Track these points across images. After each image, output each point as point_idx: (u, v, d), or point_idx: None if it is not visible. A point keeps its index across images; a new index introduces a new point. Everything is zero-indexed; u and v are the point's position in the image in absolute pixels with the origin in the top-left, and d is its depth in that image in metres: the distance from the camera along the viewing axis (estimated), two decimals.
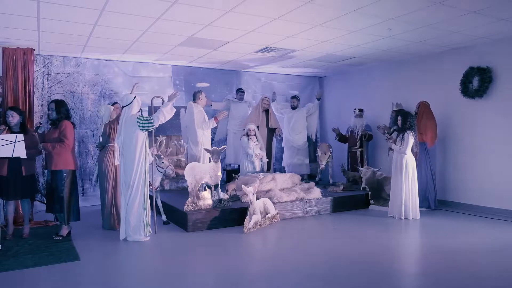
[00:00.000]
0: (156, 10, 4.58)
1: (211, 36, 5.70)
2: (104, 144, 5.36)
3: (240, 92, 8.10)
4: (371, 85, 8.29)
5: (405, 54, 7.02)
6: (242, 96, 8.09)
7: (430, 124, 6.43)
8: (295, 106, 8.23)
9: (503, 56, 6.00)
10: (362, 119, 7.71)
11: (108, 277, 3.65)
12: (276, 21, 5.04)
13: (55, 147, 4.67)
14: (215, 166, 5.55)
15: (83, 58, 7.03)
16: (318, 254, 4.26)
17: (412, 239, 5.10)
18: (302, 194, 6.27)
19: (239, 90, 8.13)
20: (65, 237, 4.84)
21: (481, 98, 6.26)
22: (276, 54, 6.97)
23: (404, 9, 4.65)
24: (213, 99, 8.08)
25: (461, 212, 6.27)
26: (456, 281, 3.45)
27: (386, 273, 3.64)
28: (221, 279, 3.59)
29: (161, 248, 4.54)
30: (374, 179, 6.62)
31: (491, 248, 4.39)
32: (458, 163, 6.62)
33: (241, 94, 8.09)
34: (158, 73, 7.77)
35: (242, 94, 8.10)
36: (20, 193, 4.83)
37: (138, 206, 4.71)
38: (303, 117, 8.24)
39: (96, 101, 7.16)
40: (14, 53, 5.94)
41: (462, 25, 5.27)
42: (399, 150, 5.86)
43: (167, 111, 4.75)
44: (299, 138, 8.12)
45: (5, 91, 5.88)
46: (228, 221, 5.44)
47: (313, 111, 8.38)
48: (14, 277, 3.58)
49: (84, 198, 6.99)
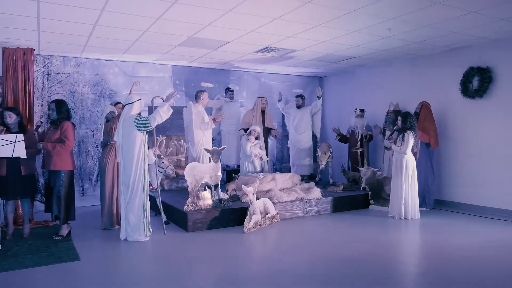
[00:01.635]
0: (156, 10, 4.58)
1: (211, 36, 5.70)
2: (107, 142, 5.37)
3: (229, 92, 8.07)
4: (371, 85, 8.29)
5: (405, 54, 7.02)
6: (232, 95, 8.07)
7: (432, 126, 6.45)
8: (300, 105, 8.15)
9: (503, 56, 6.00)
10: (363, 119, 7.70)
11: (108, 277, 3.65)
12: (276, 21, 5.04)
13: (56, 147, 4.68)
14: (215, 166, 5.55)
15: (83, 58, 7.03)
16: (318, 254, 4.26)
17: (412, 239, 5.10)
18: (302, 194, 6.27)
19: (228, 90, 8.11)
20: (65, 237, 4.85)
21: (481, 98, 6.26)
22: (276, 54, 6.97)
23: (404, 9, 4.65)
24: (212, 98, 8.07)
25: (461, 212, 6.27)
26: (456, 280, 3.45)
27: (386, 273, 3.64)
28: (221, 279, 3.59)
29: (161, 248, 4.53)
30: (374, 179, 6.62)
31: (491, 248, 4.39)
32: (458, 163, 6.62)
33: (231, 94, 8.07)
34: (158, 73, 7.77)
35: (232, 93, 8.08)
36: (20, 193, 4.83)
37: (138, 206, 4.71)
38: (308, 116, 8.14)
39: (96, 101, 7.16)
40: (14, 53, 5.94)
41: (462, 25, 5.26)
42: (400, 150, 5.86)
43: (163, 112, 4.73)
44: (303, 137, 8.06)
45: (5, 91, 5.88)
46: (228, 221, 5.44)
47: (316, 109, 8.27)
48: (14, 277, 3.58)
49: (84, 198, 7.00)
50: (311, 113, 8.24)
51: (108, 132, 5.36)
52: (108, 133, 5.36)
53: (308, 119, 8.16)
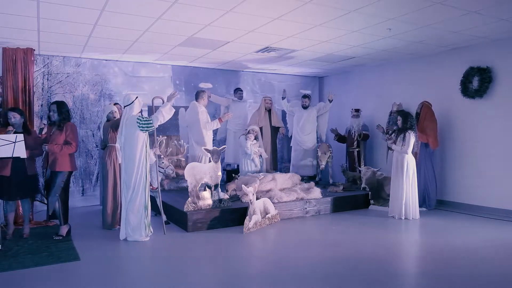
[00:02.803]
0: (156, 10, 4.58)
1: (211, 36, 5.70)
2: (106, 143, 5.37)
3: (239, 91, 8.09)
4: (371, 85, 8.29)
5: (405, 54, 7.02)
6: (242, 95, 8.08)
7: (432, 126, 6.45)
8: (306, 106, 7.99)
9: (503, 56, 6.00)
10: (358, 119, 7.70)
11: (108, 277, 3.65)
12: (276, 21, 5.04)
13: (62, 149, 4.72)
14: (215, 166, 5.55)
15: (83, 58, 7.03)
16: (318, 254, 4.26)
17: (413, 239, 5.09)
18: (302, 194, 6.27)
19: (238, 89, 8.12)
20: (65, 237, 4.85)
21: (481, 98, 6.26)
22: (276, 54, 6.97)
23: (404, 9, 4.65)
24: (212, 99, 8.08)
25: (461, 212, 6.27)
26: (456, 280, 3.45)
27: (386, 273, 3.64)
28: (221, 279, 3.59)
29: (161, 248, 4.53)
30: (374, 179, 6.63)
31: (491, 248, 4.39)
32: (458, 162, 6.62)
33: (240, 93, 8.08)
34: (158, 73, 7.77)
35: (241, 93, 8.09)
36: (21, 193, 4.84)
37: (139, 206, 4.71)
38: (314, 117, 8.02)
39: (96, 101, 7.16)
40: (14, 53, 5.94)
41: (462, 25, 5.26)
42: (401, 150, 5.85)
43: (166, 111, 4.75)
44: (308, 138, 7.96)
45: (5, 91, 5.88)
46: (228, 221, 5.44)
47: (323, 111, 8.12)
48: (14, 277, 3.58)
49: (84, 198, 7.00)
50: (318, 114, 8.11)
51: (106, 133, 5.36)
52: (106, 134, 5.36)
53: (314, 120, 8.03)
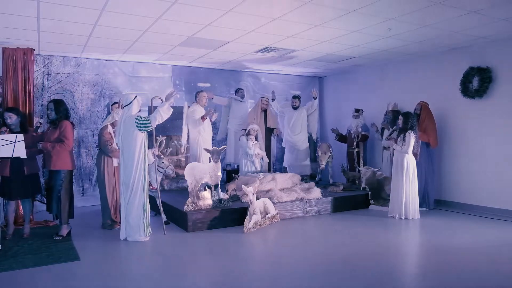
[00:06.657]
0: (156, 10, 4.58)
1: (211, 36, 5.70)
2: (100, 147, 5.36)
3: (240, 91, 8.10)
4: (371, 85, 8.29)
5: (405, 54, 7.02)
6: (243, 94, 8.09)
7: (432, 126, 6.46)
8: (296, 106, 8.09)
9: (503, 56, 6.00)
10: (359, 120, 7.72)
11: (108, 277, 3.65)
12: (276, 21, 5.04)
13: (55, 147, 4.68)
14: (215, 166, 5.55)
15: (83, 58, 7.03)
16: (318, 254, 4.26)
17: (412, 239, 5.10)
18: (302, 194, 6.27)
19: (239, 89, 8.14)
20: (65, 237, 4.85)
21: (481, 98, 6.25)
22: (276, 54, 6.97)
23: (404, 9, 4.65)
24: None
25: (461, 212, 6.27)
26: (456, 280, 3.45)
27: (386, 273, 3.64)
28: (221, 279, 3.59)
29: (161, 248, 4.53)
30: (374, 179, 6.62)
31: (490, 248, 4.39)
32: (458, 162, 6.62)
33: (242, 92, 8.09)
34: (158, 73, 7.77)
35: (242, 91, 8.10)
36: (22, 192, 4.84)
37: (138, 206, 4.71)
38: (304, 116, 8.13)
39: (96, 101, 7.16)
40: (14, 53, 5.93)
41: (462, 25, 5.26)
42: (401, 150, 5.85)
43: (164, 111, 4.72)
44: (298, 138, 8.04)
45: (5, 91, 5.88)
46: (228, 221, 5.44)
47: (312, 110, 8.28)
48: (14, 277, 3.58)
49: (84, 198, 7.00)
50: (307, 113, 8.21)
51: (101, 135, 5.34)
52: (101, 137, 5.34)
53: (304, 119, 8.13)
